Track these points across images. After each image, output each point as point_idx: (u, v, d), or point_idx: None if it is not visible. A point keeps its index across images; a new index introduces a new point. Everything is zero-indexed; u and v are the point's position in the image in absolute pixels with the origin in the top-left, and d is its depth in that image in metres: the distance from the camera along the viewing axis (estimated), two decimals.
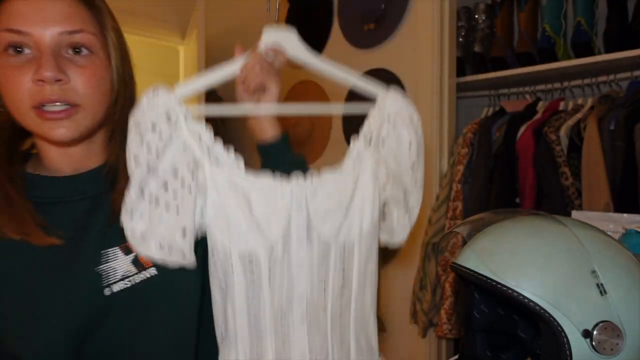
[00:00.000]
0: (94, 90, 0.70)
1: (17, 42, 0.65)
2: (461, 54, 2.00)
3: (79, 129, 0.70)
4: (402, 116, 0.80)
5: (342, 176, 0.76)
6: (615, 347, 0.66)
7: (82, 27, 0.69)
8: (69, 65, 0.68)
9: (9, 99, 0.67)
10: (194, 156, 0.68)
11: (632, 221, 1.03)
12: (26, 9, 0.65)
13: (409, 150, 0.79)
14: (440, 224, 1.82)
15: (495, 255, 0.74)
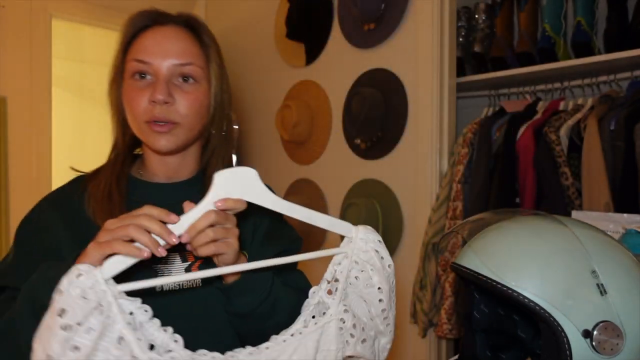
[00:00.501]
0: (193, 112, 0.84)
1: (141, 70, 0.82)
2: (461, 54, 2.00)
3: (176, 141, 0.84)
4: (373, 260, 0.74)
5: (301, 339, 0.69)
6: (615, 347, 0.66)
7: (191, 60, 0.84)
8: (177, 90, 0.83)
9: (131, 114, 0.85)
10: (132, 351, 0.59)
11: (632, 221, 1.03)
12: (151, 44, 0.83)
13: (378, 296, 0.74)
14: (440, 224, 1.82)
15: (495, 255, 0.74)
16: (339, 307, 0.72)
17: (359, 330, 0.73)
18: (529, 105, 1.83)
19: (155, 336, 0.63)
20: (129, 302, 0.61)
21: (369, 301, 0.74)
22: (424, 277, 1.84)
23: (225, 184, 0.68)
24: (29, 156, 2.47)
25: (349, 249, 0.74)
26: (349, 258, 0.74)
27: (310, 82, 2.32)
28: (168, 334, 0.63)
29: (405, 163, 1.97)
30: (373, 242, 0.75)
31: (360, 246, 0.75)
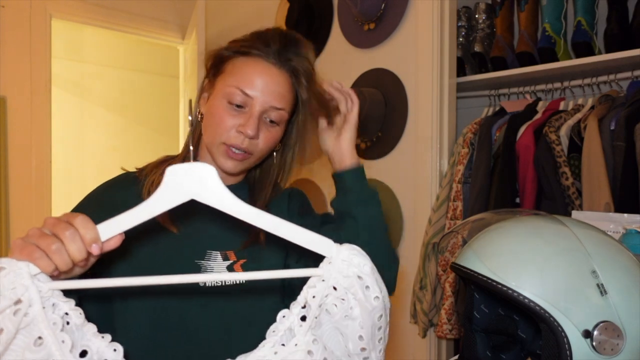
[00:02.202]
0: (267, 148, 0.92)
1: (242, 101, 0.88)
2: (461, 54, 2.00)
3: (242, 167, 0.92)
4: (354, 289, 0.61)
5: None
6: (615, 347, 0.66)
7: (285, 107, 0.91)
8: (262, 127, 0.89)
9: (212, 128, 0.89)
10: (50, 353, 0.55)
11: (632, 221, 1.03)
12: (258, 81, 0.88)
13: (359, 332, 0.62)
14: (440, 224, 1.81)
15: (496, 255, 0.74)
16: (307, 337, 0.60)
17: None
18: (529, 105, 1.83)
19: (90, 342, 0.58)
20: (63, 302, 0.57)
21: (347, 335, 0.62)
22: (424, 277, 1.84)
23: (177, 183, 0.62)
24: (28, 156, 2.47)
25: (325, 270, 0.62)
26: (325, 282, 0.62)
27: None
28: (105, 341, 0.58)
29: (405, 163, 1.97)
30: (357, 266, 0.62)
31: (340, 269, 0.62)
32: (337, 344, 0.63)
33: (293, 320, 0.61)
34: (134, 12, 2.91)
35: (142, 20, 2.95)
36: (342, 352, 0.63)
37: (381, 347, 0.64)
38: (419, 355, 1.93)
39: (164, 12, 3.03)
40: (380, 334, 0.63)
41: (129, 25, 2.90)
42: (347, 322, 0.62)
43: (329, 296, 0.62)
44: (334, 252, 0.63)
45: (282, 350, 0.60)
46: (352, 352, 0.62)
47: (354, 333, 0.61)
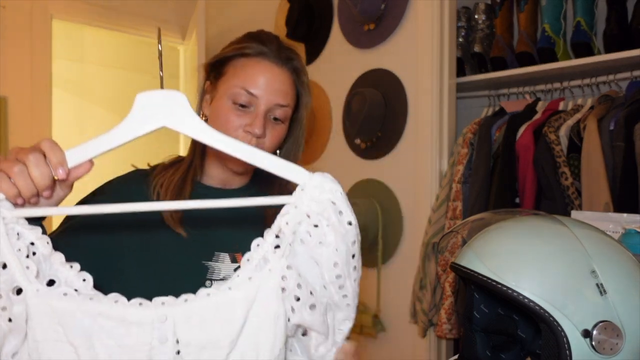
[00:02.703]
0: (273, 146, 0.92)
1: (247, 101, 0.89)
2: (461, 54, 2.00)
3: (249, 166, 0.91)
4: (327, 213, 0.60)
5: (231, 296, 0.58)
6: (614, 346, 0.66)
7: (288, 103, 0.92)
8: (268, 125, 0.90)
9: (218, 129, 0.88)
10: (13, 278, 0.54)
11: (631, 221, 1.03)
12: (262, 81, 0.89)
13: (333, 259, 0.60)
14: (440, 224, 1.82)
15: (495, 255, 0.74)
16: (281, 263, 0.59)
17: (306, 292, 0.60)
18: (528, 105, 1.83)
19: (58, 271, 0.57)
20: (28, 231, 0.56)
21: (322, 264, 0.61)
22: (424, 277, 1.84)
23: (147, 107, 0.59)
24: None
25: (298, 197, 0.61)
26: (297, 208, 0.60)
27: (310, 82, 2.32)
28: (74, 270, 0.57)
29: (405, 163, 1.97)
30: (330, 191, 0.60)
31: (313, 195, 0.60)
32: (313, 274, 0.61)
33: (267, 248, 0.60)
34: (134, 12, 2.91)
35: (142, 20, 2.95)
36: (319, 282, 0.61)
37: (355, 277, 0.62)
38: (419, 355, 1.93)
39: (164, 12, 3.03)
40: (354, 262, 0.61)
41: (129, 25, 2.90)
42: (322, 250, 0.60)
43: (303, 223, 0.60)
44: (306, 179, 0.61)
45: (256, 275, 0.59)
46: (328, 280, 0.61)
47: (329, 260, 0.60)
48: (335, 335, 0.63)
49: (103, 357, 0.55)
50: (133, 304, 0.57)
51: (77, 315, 0.55)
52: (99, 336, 0.55)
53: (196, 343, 0.57)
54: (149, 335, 0.56)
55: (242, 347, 0.58)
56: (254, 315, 0.59)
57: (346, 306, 0.62)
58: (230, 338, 0.58)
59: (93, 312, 0.55)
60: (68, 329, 0.55)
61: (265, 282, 0.59)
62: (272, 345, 0.59)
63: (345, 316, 0.63)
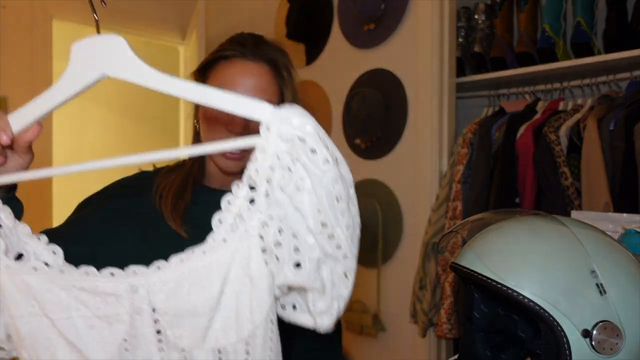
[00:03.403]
0: None
1: None
2: (461, 54, 2.00)
3: (242, 165, 0.89)
4: (297, 153, 0.51)
5: (205, 261, 0.54)
6: (614, 346, 0.66)
7: (269, 98, 0.90)
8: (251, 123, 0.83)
9: (206, 134, 0.94)
10: None
11: (631, 221, 1.03)
12: (237, 78, 0.90)
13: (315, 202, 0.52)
14: (440, 223, 1.82)
15: (495, 255, 0.74)
16: (256, 220, 0.53)
17: (287, 250, 0.53)
18: (528, 105, 1.83)
19: (26, 244, 0.55)
20: None
21: (305, 212, 0.52)
22: (424, 277, 1.84)
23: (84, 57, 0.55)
24: None
25: (264, 138, 0.52)
26: (266, 151, 0.52)
27: (310, 82, 2.32)
28: (42, 243, 0.55)
29: (405, 163, 1.97)
30: (298, 127, 0.51)
31: (280, 132, 0.52)
32: (298, 224, 0.54)
33: (241, 204, 0.54)
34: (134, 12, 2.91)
35: (142, 20, 2.95)
36: (306, 233, 0.53)
37: (348, 223, 0.53)
38: (419, 355, 1.93)
39: (164, 12, 3.03)
40: (341, 205, 0.53)
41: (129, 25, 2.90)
42: (301, 197, 0.52)
43: (275, 168, 0.53)
44: (268, 115, 0.52)
45: (231, 237, 0.54)
46: (314, 230, 0.53)
47: (311, 207, 0.52)
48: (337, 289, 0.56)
49: (83, 328, 0.54)
50: (104, 274, 0.55)
51: (51, 288, 0.54)
52: (76, 307, 0.54)
53: (173, 312, 0.55)
54: (126, 305, 0.54)
55: (224, 314, 0.55)
56: (233, 279, 0.54)
57: (343, 258, 0.54)
58: (209, 305, 0.54)
59: (66, 284, 0.54)
60: (43, 303, 0.53)
61: (242, 244, 0.54)
62: (257, 307, 0.55)
63: (345, 268, 0.55)
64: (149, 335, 0.55)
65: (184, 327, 0.55)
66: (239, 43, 0.93)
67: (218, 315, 0.55)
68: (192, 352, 0.56)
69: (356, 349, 2.15)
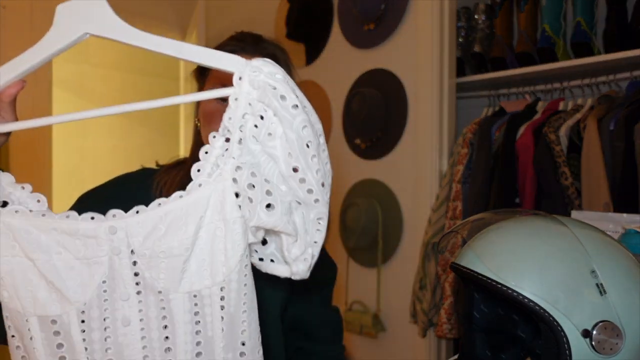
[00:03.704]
0: None
1: None
2: (461, 54, 2.00)
3: None
4: (269, 100, 0.55)
5: (181, 203, 0.57)
6: (614, 346, 0.66)
7: None
8: None
9: (204, 128, 0.93)
10: None
11: (631, 221, 1.03)
12: None
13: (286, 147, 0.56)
14: (440, 223, 1.82)
15: (495, 255, 0.74)
16: (230, 165, 0.57)
17: (260, 192, 0.56)
18: (528, 105, 1.83)
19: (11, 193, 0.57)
20: None
21: (277, 157, 0.56)
22: (424, 277, 1.84)
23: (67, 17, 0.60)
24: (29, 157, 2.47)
25: (236, 87, 0.56)
26: (238, 100, 0.56)
27: (310, 82, 2.32)
28: (26, 191, 0.58)
29: (405, 163, 1.97)
30: (269, 74, 0.55)
31: (252, 80, 0.56)
32: (271, 170, 0.57)
33: (217, 153, 0.58)
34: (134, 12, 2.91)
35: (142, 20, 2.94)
36: (278, 179, 0.57)
37: (318, 167, 0.56)
38: (419, 355, 1.93)
39: (164, 12, 3.03)
40: (312, 150, 0.56)
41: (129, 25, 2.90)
42: (274, 142, 0.56)
43: (248, 116, 0.56)
44: (242, 67, 0.57)
45: (206, 181, 0.58)
46: (286, 174, 0.56)
47: (282, 152, 0.56)
48: (311, 235, 0.59)
49: (63, 269, 0.55)
50: (84, 217, 0.57)
51: (31, 231, 0.55)
52: (56, 249, 0.55)
53: (150, 253, 0.56)
54: (105, 247, 0.56)
55: (199, 255, 0.57)
56: (208, 222, 0.57)
57: (314, 202, 0.57)
58: (184, 246, 0.56)
59: (47, 227, 0.55)
60: (24, 244, 0.55)
61: (217, 186, 0.57)
62: (230, 251, 0.57)
63: (317, 213, 0.58)
64: (127, 277, 0.56)
65: (161, 268, 0.56)
66: (238, 40, 0.94)
67: (193, 258, 0.57)
68: (169, 295, 0.57)
69: (356, 349, 2.15)
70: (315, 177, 0.56)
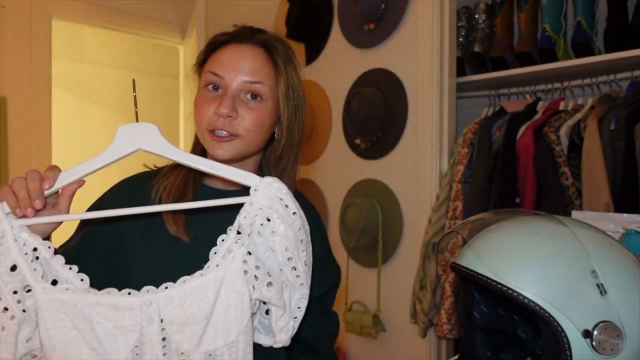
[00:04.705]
0: (254, 128, 0.89)
1: (214, 82, 0.89)
2: (461, 54, 2.00)
3: (233, 152, 0.89)
4: (277, 207, 0.75)
5: (202, 280, 0.72)
6: (615, 347, 0.66)
7: (261, 79, 0.89)
8: (242, 105, 0.88)
9: (196, 121, 0.90)
10: (24, 278, 0.66)
11: (632, 221, 1.03)
12: (226, 59, 0.89)
13: (285, 244, 0.74)
14: (440, 224, 1.81)
15: (495, 255, 0.74)
16: (242, 251, 0.73)
17: (263, 272, 0.73)
18: (529, 105, 1.83)
19: (60, 273, 0.68)
20: (32, 238, 0.69)
21: (277, 250, 0.75)
22: (424, 277, 1.84)
23: (126, 137, 0.76)
24: (29, 156, 2.47)
25: (252, 196, 0.75)
26: (252, 205, 0.74)
27: (310, 82, 2.32)
28: (73, 272, 0.69)
29: (405, 163, 1.97)
30: (277, 189, 0.75)
31: (264, 192, 0.75)
32: (271, 260, 0.75)
33: (230, 241, 0.74)
34: (134, 12, 2.91)
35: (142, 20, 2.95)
36: (276, 266, 0.75)
37: (305, 259, 0.76)
38: (419, 355, 1.93)
39: (164, 12, 3.03)
40: (302, 246, 0.76)
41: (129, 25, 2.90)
42: (275, 238, 0.74)
43: (257, 217, 0.74)
44: (258, 182, 0.76)
45: (222, 262, 0.73)
46: (282, 263, 0.75)
47: (281, 246, 0.74)
48: (294, 312, 0.77)
49: (103, 337, 0.67)
50: (123, 293, 0.69)
51: (78, 305, 0.67)
52: (98, 320, 0.67)
53: (177, 321, 0.70)
54: (138, 318, 0.68)
55: (216, 321, 0.72)
56: (223, 294, 0.72)
57: (300, 285, 0.76)
58: (205, 314, 0.71)
59: (91, 301, 0.67)
60: (72, 317, 0.67)
61: (230, 267, 0.72)
62: (240, 317, 0.73)
63: (301, 294, 0.77)
64: (156, 342, 0.69)
65: (185, 333, 0.70)
66: (234, 32, 0.93)
67: (210, 324, 0.72)
68: (190, 355, 0.71)
69: (356, 349, 2.15)
70: (303, 267, 0.76)
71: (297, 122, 0.96)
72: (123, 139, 0.76)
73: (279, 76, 0.91)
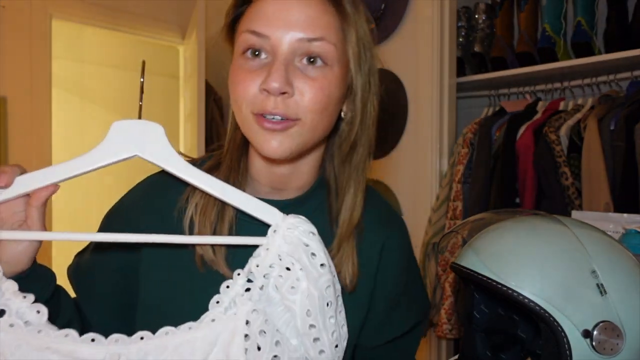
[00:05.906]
0: (317, 106, 0.62)
1: (255, 45, 0.62)
2: (461, 54, 2.00)
3: (291, 145, 0.63)
4: (299, 255, 0.56)
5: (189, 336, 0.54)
6: (615, 347, 0.66)
7: (322, 34, 0.62)
8: (298, 75, 0.62)
9: (235, 100, 0.64)
10: None
11: (632, 221, 1.03)
12: (271, 10, 0.61)
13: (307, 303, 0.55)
14: (440, 224, 1.81)
15: (495, 255, 0.74)
16: (247, 307, 0.55)
17: (270, 341, 0.54)
18: (529, 105, 1.83)
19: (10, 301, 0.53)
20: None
21: (295, 312, 0.56)
22: (424, 277, 1.84)
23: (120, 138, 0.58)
24: (29, 156, 2.47)
25: (270, 239, 0.57)
26: (269, 250, 0.56)
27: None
28: (27, 301, 0.53)
29: (405, 163, 1.97)
30: (303, 232, 0.56)
31: (285, 236, 0.56)
32: (286, 323, 0.56)
33: (237, 290, 0.56)
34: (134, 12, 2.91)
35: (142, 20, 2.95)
36: (291, 332, 0.56)
37: (334, 330, 0.56)
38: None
39: (164, 12, 3.03)
40: (330, 311, 0.55)
41: (129, 25, 2.90)
42: (295, 297, 0.55)
43: (275, 266, 0.56)
44: (279, 221, 0.57)
45: (220, 318, 0.55)
46: (302, 330, 0.55)
47: (301, 307, 0.55)
48: None
49: None
50: (84, 339, 0.53)
51: (23, 348, 0.52)
52: None
53: None
54: None
55: None
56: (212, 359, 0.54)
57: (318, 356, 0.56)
58: None
59: (40, 345, 0.52)
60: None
61: (228, 326, 0.55)
62: None
63: None
64: None
65: None
66: None
67: None
68: None
69: None
70: (330, 338, 0.56)
71: (371, 93, 0.75)
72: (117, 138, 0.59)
73: (348, 28, 0.65)
